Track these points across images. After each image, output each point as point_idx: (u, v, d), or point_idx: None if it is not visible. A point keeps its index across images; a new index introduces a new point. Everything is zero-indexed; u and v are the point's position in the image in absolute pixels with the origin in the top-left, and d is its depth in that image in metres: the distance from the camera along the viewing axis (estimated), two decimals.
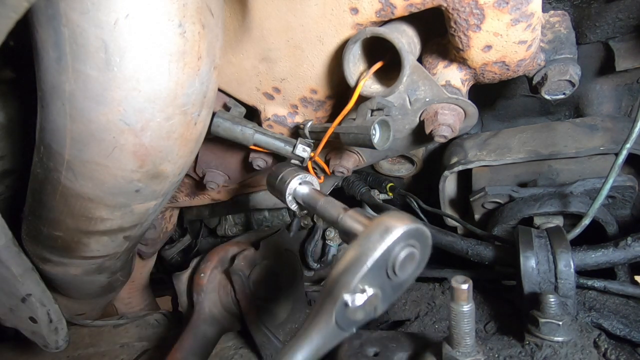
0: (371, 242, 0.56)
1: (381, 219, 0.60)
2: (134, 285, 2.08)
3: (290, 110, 1.13)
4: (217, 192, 1.57)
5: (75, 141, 0.78)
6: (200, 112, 0.85)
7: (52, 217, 0.99)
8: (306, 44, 0.95)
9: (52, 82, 0.73)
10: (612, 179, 0.94)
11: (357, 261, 0.56)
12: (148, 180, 0.88)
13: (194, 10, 0.72)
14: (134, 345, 1.60)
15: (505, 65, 0.91)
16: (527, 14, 0.81)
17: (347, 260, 0.57)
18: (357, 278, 0.55)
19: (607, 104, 1.40)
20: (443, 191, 1.48)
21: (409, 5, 0.83)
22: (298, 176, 0.90)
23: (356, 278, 0.55)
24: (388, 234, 0.56)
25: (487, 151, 1.37)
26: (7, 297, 1.12)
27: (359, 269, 0.55)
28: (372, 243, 0.56)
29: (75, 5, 0.64)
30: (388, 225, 0.57)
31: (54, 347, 1.23)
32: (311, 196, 0.88)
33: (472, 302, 0.74)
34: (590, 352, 0.84)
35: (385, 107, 0.93)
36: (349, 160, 1.21)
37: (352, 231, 0.69)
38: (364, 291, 0.56)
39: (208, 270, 1.35)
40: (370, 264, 0.55)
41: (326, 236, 1.80)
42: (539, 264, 0.98)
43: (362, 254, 0.56)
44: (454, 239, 1.24)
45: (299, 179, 0.90)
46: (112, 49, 0.68)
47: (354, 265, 0.56)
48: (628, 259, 1.02)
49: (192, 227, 2.20)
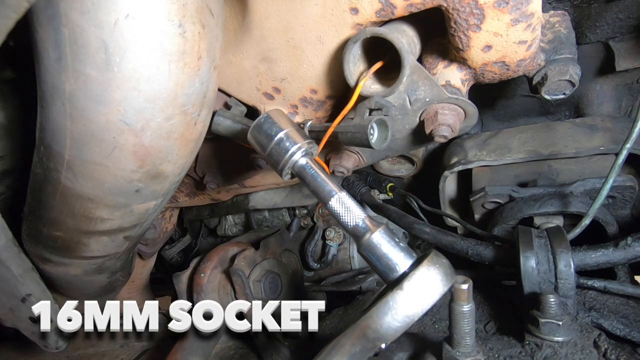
0: (416, 303, 0.57)
1: (428, 273, 0.60)
2: (134, 285, 2.08)
3: (290, 110, 1.13)
4: (217, 192, 1.57)
5: (75, 141, 0.78)
6: (200, 112, 0.85)
7: (52, 217, 0.99)
8: (306, 44, 0.95)
9: (52, 82, 0.73)
10: (612, 179, 0.94)
11: (400, 319, 0.56)
12: (148, 180, 0.88)
13: (194, 10, 0.72)
14: (133, 345, 1.60)
15: (505, 65, 0.91)
16: (527, 14, 0.80)
17: (391, 313, 0.57)
18: (398, 334, 0.55)
19: (607, 104, 1.40)
20: (443, 191, 1.48)
21: (409, 6, 0.83)
22: (302, 148, 0.75)
23: (398, 334, 0.55)
24: (434, 294, 0.58)
25: (487, 151, 1.37)
26: (7, 297, 1.12)
27: (401, 327, 0.56)
28: (417, 305, 0.57)
29: (75, 5, 0.64)
30: (435, 283, 0.58)
31: (54, 347, 1.23)
32: (317, 179, 0.76)
33: (472, 302, 0.74)
34: (590, 352, 0.84)
35: (383, 106, 0.92)
36: (348, 160, 1.21)
37: (385, 261, 0.66)
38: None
39: (208, 270, 1.35)
40: (413, 322, 0.56)
41: (326, 236, 1.80)
42: (539, 264, 0.98)
43: (405, 314, 0.57)
44: (454, 239, 1.24)
45: (302, 151, 0.76)
46: (112, 49, 0.68)
47: (397, 322, 0.56)
48: (628, 259, 1.02)
49: (192, 227, 2.20)
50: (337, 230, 1.80)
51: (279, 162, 0.76)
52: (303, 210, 1.83)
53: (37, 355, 1.53)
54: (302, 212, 1.84)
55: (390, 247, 0.67)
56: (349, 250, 1.81)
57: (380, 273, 0.68)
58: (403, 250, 0.67)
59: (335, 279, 1.71)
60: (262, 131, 0.77)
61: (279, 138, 0.76)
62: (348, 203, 0.73)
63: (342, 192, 0.74)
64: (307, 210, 1.84)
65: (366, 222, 0.71)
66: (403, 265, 0.66)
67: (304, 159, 0.76)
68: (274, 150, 0.76)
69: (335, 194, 0.74)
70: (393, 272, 0.66)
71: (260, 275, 1.34)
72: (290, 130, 0.77)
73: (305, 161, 0.76)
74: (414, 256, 0.68)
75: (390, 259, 0.66)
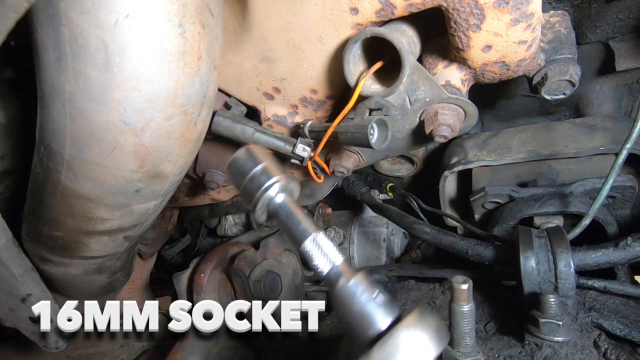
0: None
1: (408, 336, 0.49)
2: (134, 285, 2.08)
3: (290, 110, 1.13)
4: (217, 192, 1.57)
5: (75, 141, 0.78)
6: (200, 112, 0.85)
7: (52, 217, 0.99)
8: (306, 44, 0.95)
9: (52, 82, 0.73)
10: (612, 179, 0.94)
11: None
12: (148, 180, 0.88)
13: (194, 10, 0.72)
14: (133, 345, 1.60)
15: (505, 65, 0.91)
16: (527, 14, 0.80)
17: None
18: None
19: (607, 104, 1.40)
20: (443, 191, 1.48)
21: (409, 5, 0.83)
22: (277, 183, 0.63)
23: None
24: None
25: (487, 151, 1.37)
26: (7, 297, 1.12)
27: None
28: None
29: (75, 5, 0.64)
30: (416, 348, 0.48)
31: (54, 347, 1.23)
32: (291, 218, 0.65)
33: (472, 302, 0.74)
34: (590, 352, 0.84)
35: (383, 106, 0.92)
36: (349, 160, 1.21)
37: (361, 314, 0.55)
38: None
39: (208, 270, 1.35)
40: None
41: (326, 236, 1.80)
42: (539, 264, 0.98)
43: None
44: (454, 239, 1.24)
45: (278, 187, 0.64)
46: (112, 49, 0.68)
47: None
48: (628, 259, 1.02)
49: (192, 227, 2.20)
50: (337, 230, 1.80)
51: (252, 199, 0.65)
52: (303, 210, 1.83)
53: (37, 355, 1.52)
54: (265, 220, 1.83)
55: (367, 299, 0.55)
56: (349, 250, 1.81)
57: (353, 330, 0.56)
58: (382, 305, 0.55)
59: None
60: (237, 166, 0.65)
61: (253, 173, 0.64)
62: (324, 245, 0.62)
63: (318, 233, 0.63)
64: (307, 210, 1.84)
65: (341, 268, 0.59)
66: (380, 323, 0.54)
67: (280, 195, 0.65)
68: (248, 186, 0.65)
69: (310, 234, 0.62)
70: (367, 330, 0.54)
71: (260, 275, 1.34)
72: (266, 165, 0.65)
73: (282, 199, 0.65)
74: (396, 312, 0.55)
75: (365, 314, 0.54)
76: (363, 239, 1.83)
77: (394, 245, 1.83)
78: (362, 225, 1.85)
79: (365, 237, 1.83)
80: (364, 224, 1.85)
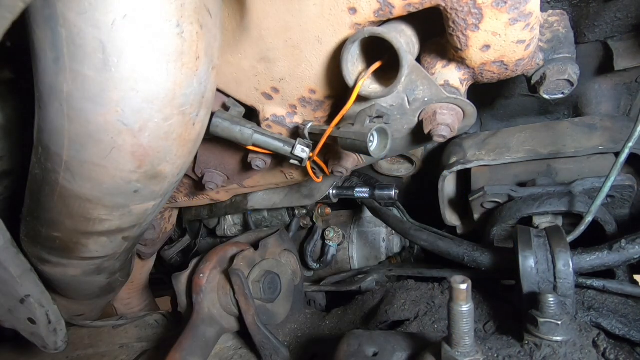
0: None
1: None
2: (134, 285, 2.09)
3: (289, 111, 1.12)
4: (216, 193, 1.57)
5: (73, 142, 0.78)
6: (198, 113, 0.85)
7: (50, 218, 0.99)
8: (305, 44, 0.95)
9: (49, 82, 0.72)
10: (613, 178, 0.94)
11: None
12: (146, 180, 0.88)
13: (191, 11, 0.72)
14: (133, 345, 1.60)
15: (503, 64, 0.91)
16: (526, 13, 0.80)
17: None
18: None
19: (606, 103, 1.40)
20: (442, 191, 1.48)
21: (407, 5, 0.83)
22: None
23: None
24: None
25: (486, 151, 1.37)
26: (6, 298, 1.12)
27: None
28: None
29: (73, 5, 0.64)
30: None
31: (53, 348, 1.23)
32: None
33: (471, 302, 0.74)
34: (590, 352, 0.84)
35: (384, 114, 0.92)
36: (347, 160, 1.20)
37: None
38: None
39: (207, 270, 1.35)
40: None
41: (325, 236, 1.80)
42: (538, 264, 0.98)
43: None
44: (450, 245, 1.26)
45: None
46: (110, 49, 0.67)
47: None
48: (622, 262, 1.02)
49: (191, 227, 2.20)
50: (337, 230, 1.80)
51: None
52: (302, 210, 1.83)
53: (36, 356, 1.53)
54: (301, 212, 1.84)
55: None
56: (349, 250, 1.81)
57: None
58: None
59: (334, 278, 1.71)
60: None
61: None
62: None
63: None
64: (306, 210, 1.84)
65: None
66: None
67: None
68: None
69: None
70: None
71: (260, 276, 1.33)
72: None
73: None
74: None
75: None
76: (362, 238, 1.83)
77: (393, 245, 1.84)
78: (362, 225, 1.85)
79: (364, 237, 1.83)
80: (363, 223, 1.85)
